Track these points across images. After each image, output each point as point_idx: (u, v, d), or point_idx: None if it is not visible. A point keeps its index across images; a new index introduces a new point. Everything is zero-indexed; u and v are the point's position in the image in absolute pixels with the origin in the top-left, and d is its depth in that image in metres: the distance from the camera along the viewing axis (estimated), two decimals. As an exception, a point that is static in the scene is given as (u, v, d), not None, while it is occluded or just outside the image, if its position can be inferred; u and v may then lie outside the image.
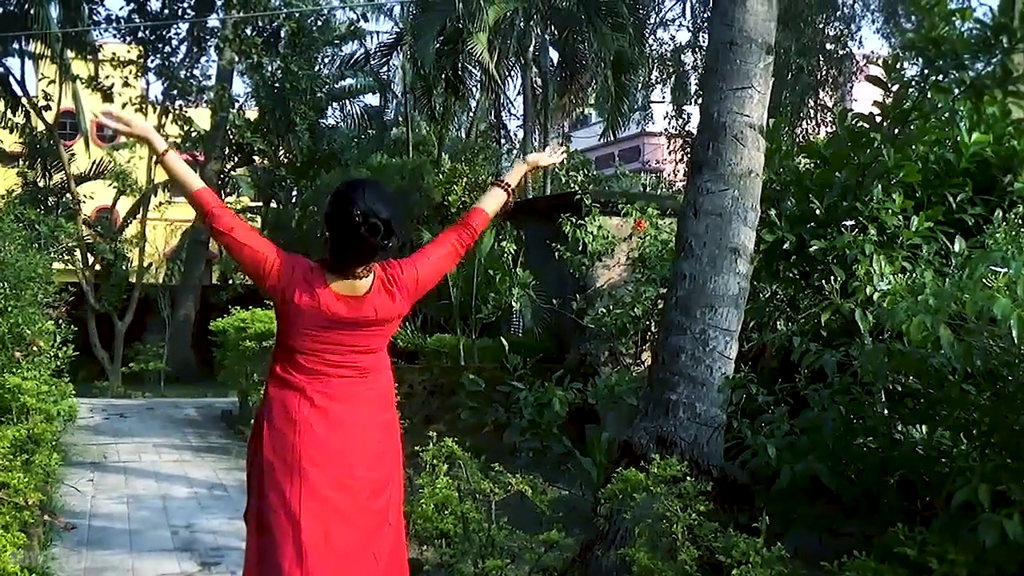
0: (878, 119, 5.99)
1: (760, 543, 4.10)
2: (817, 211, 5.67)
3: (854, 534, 4.21)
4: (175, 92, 23.13)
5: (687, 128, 25.84)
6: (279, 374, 3.79)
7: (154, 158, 4.07)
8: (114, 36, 23.59)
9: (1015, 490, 3.66)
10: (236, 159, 25.57)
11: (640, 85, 26.38)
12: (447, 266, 4.07)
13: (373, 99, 27.50)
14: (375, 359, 3.92)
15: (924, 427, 4.30)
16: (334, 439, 3.71)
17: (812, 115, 24.97)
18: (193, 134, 23.66)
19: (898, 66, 6.20)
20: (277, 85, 23.37)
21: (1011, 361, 3.84)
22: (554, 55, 25.20)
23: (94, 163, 24.86)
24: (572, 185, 22.27)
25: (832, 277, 5.30)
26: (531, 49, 23.74)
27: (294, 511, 3.57)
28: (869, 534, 4.07)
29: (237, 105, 24.50)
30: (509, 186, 4.26)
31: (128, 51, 23.13)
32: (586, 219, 10.57)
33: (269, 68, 23.32)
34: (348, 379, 3.81)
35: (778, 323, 6.03)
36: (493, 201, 4.23)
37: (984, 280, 3.91)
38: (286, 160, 24.69)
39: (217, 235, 3.78)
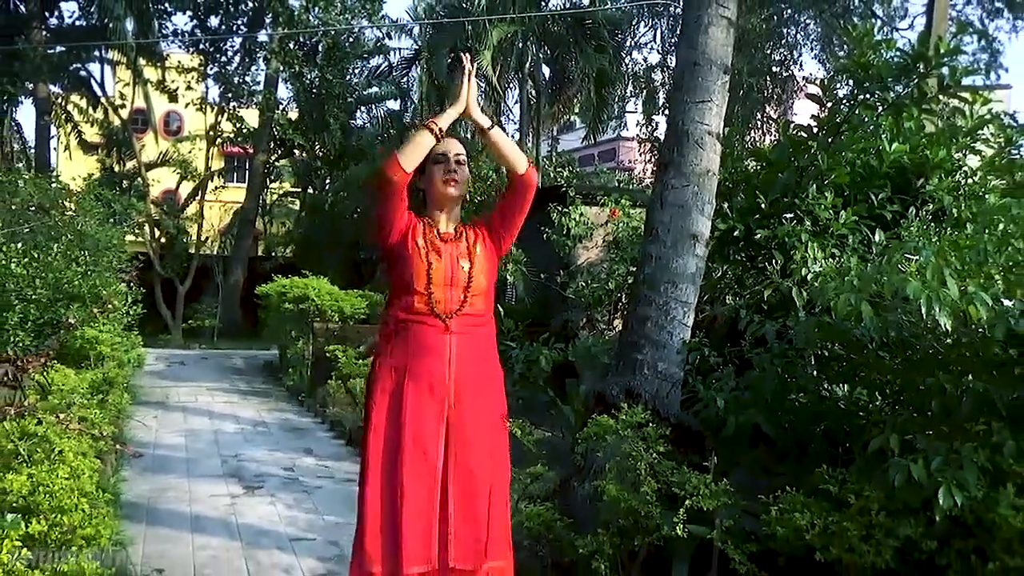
0: (814, 130, 5.98)
1: (709, 479, 4.11)
2: (762, 205, 5.66)
3: (786, 474, 4.22)
4: (230, 95, 23.13)
5: (655, 134, 25.75)
6: None
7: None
8: (179, 47, 23.56)
9: (920, 439, 3.68)
10: (280, 152, 25.61)
11: (617, 97, 26.27)
12: None
13: (394, 104, 27.35)
14: None
15: (846, 386, 4.31)
16: None
17: (760, 126, 24.88)
18: (244, 130, 23.77)
19: (832, 86, 6.19)
20: (315, 91, 23.41)
21: (919, 333, 3.85)
22: (546, 71, 25.10)
23: (161, 153, 24.92)
24: (559, 179, 22.26)
25: (773, 260, 5.31)
26: (527, 65, 23.63)
27: None
28: (799, 474, 4.09)
29: (281, 107, 24.56)
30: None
31: (191, 60, 23.11)
32: (570, 208, 10.57)
33: (308, 77, 23.33)
34: None
35: (727, 298, 6.04)
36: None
37: (899, 266, 3.91)
38: (321, 154, 24.71)
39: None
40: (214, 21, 23.03)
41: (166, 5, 22.63)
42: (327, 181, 25.32)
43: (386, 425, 3.32)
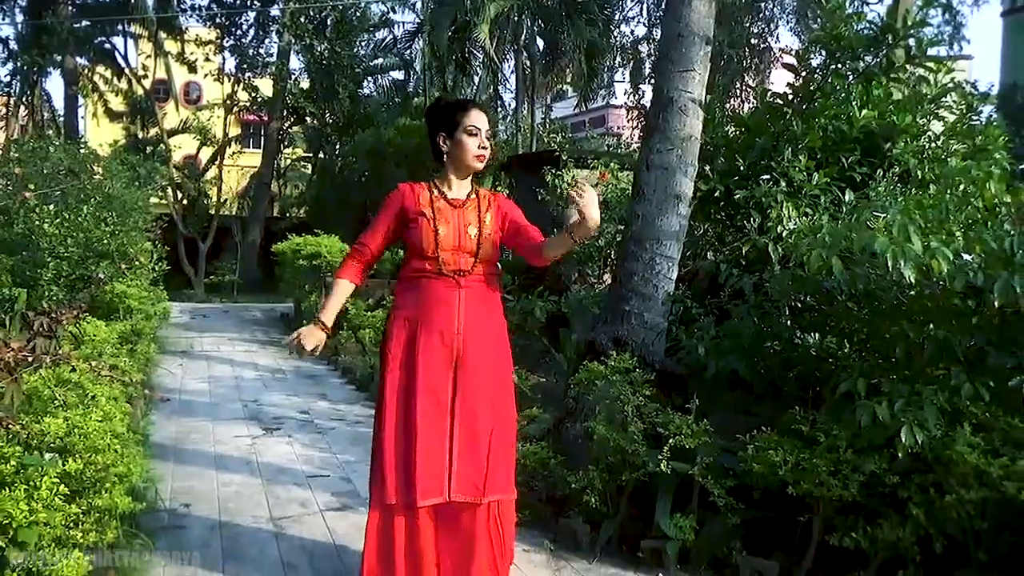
0: (790, 97, 5.94)
1: (690, 420, 4.13)
2: (741, 167, 5.63)
3: (762, 415, 4.24)
4: (245, 66, 22.97)
5: (642, 101, 25.59)
6: None
7: None
8: (197, 21, 23.34)
9: (885, 383, 3.69)
10: (292, 119, 25.47)
11: (606, 68, 26.07)
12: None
13: (399, 75, 27.16)
14: None
15: (817, 334, 4.31)
16: None
17: (739, 94, 24.72)
18: (259, 99, 23.59)
19: (806, 57, 6.13)
20: (325, 62, 23.21)
21: (885, 285, 3.85)
22: (540, 43, 24.88)
23: (182, 121, 24.76)
24: (552, 144, 22.16)
25: (751, 219, 5.29)
26: (522, 38, 23.44)
27: None
28: (773, 415, 4.11)
29: (293, 77, 24.36)
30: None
31: (208, 33, 22.91)
32: (563, 171, 10.52)
33: (318, 49, 23.11)
34: None
35: (708, 253, 6.02)
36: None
37: (867, 223, 3.91)
38: (331, 121, 24.55)
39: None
40: (229, -4, 22.83)
41: (184, -19, 22.44)
42: (337, 146, 25.20)
43: (401, 371, 3.33)
